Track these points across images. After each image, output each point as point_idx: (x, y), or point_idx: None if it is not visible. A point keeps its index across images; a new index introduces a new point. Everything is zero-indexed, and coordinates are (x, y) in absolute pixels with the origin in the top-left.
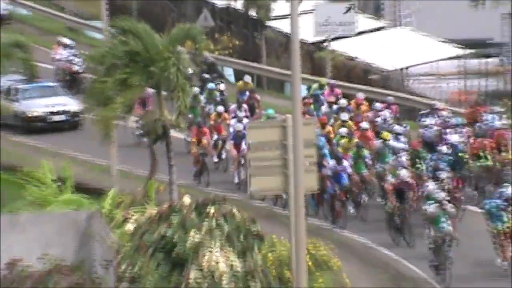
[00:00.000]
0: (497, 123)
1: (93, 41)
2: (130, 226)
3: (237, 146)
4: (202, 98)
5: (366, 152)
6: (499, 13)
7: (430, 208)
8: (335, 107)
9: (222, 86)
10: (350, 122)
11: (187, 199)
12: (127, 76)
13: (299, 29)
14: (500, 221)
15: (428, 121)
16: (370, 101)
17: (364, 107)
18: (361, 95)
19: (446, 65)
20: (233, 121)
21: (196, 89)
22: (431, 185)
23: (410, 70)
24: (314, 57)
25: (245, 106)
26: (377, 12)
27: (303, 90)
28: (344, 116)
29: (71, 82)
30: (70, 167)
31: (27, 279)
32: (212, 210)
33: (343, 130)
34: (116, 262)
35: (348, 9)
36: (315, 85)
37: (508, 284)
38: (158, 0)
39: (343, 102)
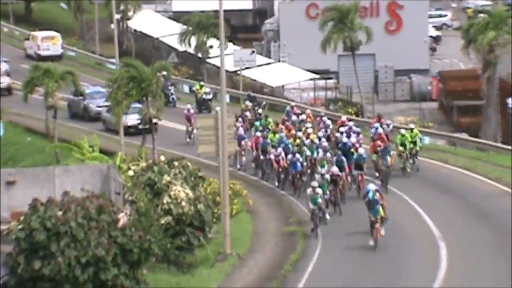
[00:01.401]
0: (380, 130)
1: (110, 70)
2: (131, 172)
3: (239, 143)
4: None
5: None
6: (337, 54)
7: (308, 191)
8: (295, 118)
9: (260, 110)
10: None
11: (162, 157)
12: (128, 90)
13: (225, 64)
14: (374, 213)
15: (342, 129)
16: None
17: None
18: (309, 111)
19: (305, 83)
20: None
21: (217, 109)
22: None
23: (285, 86)
24: (233, 79)
25: (242, 118)
26: (268, 54)
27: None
28: (309, 129)
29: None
30: (97, 139)
31: (73, 202)
32: (176, 163)
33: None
34: (123, 192)
35: (252, 52)
36: (288, 107)
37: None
38: (146, 46)
39: (303, 116)
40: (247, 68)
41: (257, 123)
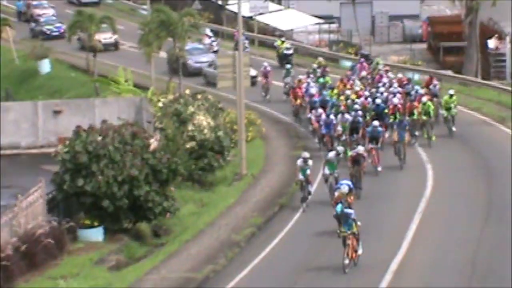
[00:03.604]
0: (421, 91)
1: (142, 15)
2: (160, 104)
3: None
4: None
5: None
6: (339, 1)
7: (298, 162)
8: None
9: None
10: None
11: (187, 91)
12: (158, 32)
13: (242, 10)
14: (346, 227)
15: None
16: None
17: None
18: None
19: (311, 27)
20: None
21: (288, 66)
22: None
23: (294, 30)
24: (249, 23)
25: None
26: (279, 1)
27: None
28: (357, 87)
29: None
30: (130, 73)
31: (110, 129)
32: (199, 96)
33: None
34: (153, 121)
35: (265, 0)
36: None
37: None
38: None
39: (363, 73)
40: (261, 13)
41: (321, 80)
